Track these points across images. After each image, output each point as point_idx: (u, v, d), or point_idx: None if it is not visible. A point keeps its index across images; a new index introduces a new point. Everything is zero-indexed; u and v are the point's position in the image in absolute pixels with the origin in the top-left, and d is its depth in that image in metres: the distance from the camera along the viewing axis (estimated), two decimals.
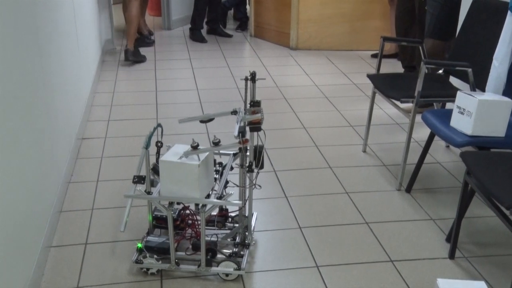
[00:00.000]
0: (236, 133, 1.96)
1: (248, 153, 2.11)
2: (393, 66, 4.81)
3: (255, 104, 2.06)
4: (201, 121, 2.16)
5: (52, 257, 2.24)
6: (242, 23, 6.33)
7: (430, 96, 2.76)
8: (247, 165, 2.11)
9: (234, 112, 2.12)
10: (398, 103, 2.82)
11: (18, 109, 1.94)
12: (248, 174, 2.12)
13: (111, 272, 2.15)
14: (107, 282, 2.09)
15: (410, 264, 2.24)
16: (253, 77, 2.08)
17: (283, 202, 2.70)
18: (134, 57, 4.86)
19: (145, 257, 2.12)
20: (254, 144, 2.12)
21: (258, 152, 2.11)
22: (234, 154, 2.26)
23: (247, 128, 2.04)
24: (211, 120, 2.14)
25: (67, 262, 2.21)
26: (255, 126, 2.03)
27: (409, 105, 2.74)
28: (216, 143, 2.03)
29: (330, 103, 4.06)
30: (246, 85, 2.11)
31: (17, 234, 1.84)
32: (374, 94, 3.14)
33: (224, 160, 2.28)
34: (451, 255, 2.28)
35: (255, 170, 2.11)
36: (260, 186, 2.31)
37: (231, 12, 6.72)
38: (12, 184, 1.81)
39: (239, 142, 1.99)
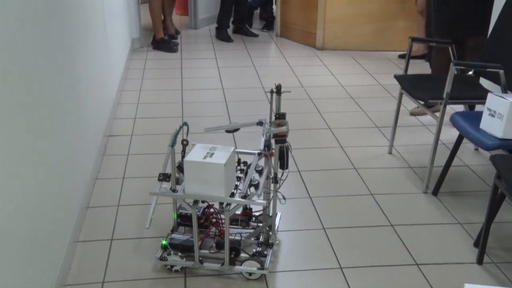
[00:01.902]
0: (261, 146, 1.99)
1: (273, 164, 2.13)
2: (421, 67, 4.74)
3: (281, 116, 2.10)
4: (227, 131, 2.18)
5: (79, 251, 2.27)
6: (268, 23, 6.32)
7: (459, 97, 2.72)
8: (272, 176, 2.14)
9: (260, 124, 2.16)
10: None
11: (48, 106, 1.97)
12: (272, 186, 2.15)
13: (136, 268, 2.17)
14: (131, 278, 2.11)
15: (436, 268, 2.21)
16: (278, 90, 2.11)
17: (307, 202, 2.68)
18: (163, 46, 5.26)
19: (169, 254, 2.13)
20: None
21: (285, 152, 2.11)
22: (259, 154, 2.26)
23: (272, 141, 2.06)
24: (236, 130, 2.17)
25: (93, 257, 2.24)
26: (281, 139, 2.07)
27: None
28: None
29: (356, 104, 4.02)
30: (271, 98, 2.14)
31: (45, 228, 1.87)
32: (401, 95, 3.10)
33: (249, 159, 2.28)
34: (479, 260, 2.24)
35: (280, 179, 2.11)
36: (284, 198, 2.32)
37: (257, 12, 6.72)
38: (41, 180, 1.84)
39: (265, 156, 2.01)
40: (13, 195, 1.55)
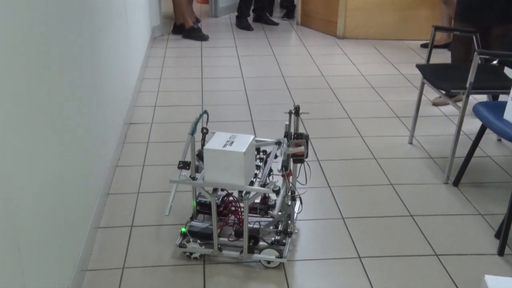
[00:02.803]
0: (279, 167, 2.01)
1: (291, 183, 2.17)
2: (444, 57, 4.66)
3: (299, 136, 2.13)
4: None
5: (100, 238, 2.30)
6: (289, 11, 6.28)
7: (482, 87, 2.67)
8: (289, 193, 2.17)
9: (278, 143, 2.21)
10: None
11: (69, 94, 1.99)
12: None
13: (155, 254, 2.20)
14: (151, 264, 2.14)
15: (456, 259, 2.19)
16: (297, 111, 2.14)
17: (326, 192, 2.68)
18: (193, 35, 5.30)
19: (188, 241, 2.15)
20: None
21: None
22: (278, 143, 2.26)
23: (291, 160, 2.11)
24: (257, 149, 2.20)
25: (113, 243, 2.27)
26: (299, 159, 2.11)
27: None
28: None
29: (377, 93, 3.98)
30: (290, 118, 2.16)
31: (67, 214, 1.90)
32: (422, 84, 3.06)
33: (268, 148, 2.29)
34: (501, 252, 2.21)
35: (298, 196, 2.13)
36: (301, 203, 2.34)
37: (277, 0, 6.68)
38: (63, 166, 1.87)
39: (282, 176, 2.03)
40: (36, 182, 1.57)
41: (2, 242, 1.31)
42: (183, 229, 2.19)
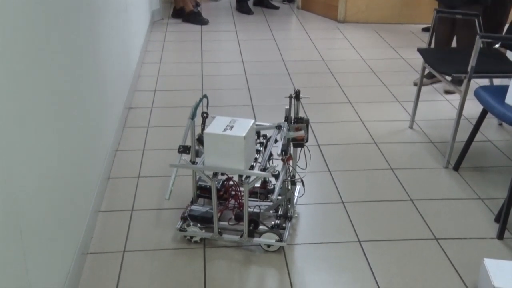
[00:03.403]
0: (279, 151, 2.00)
1: (291, 168, 2.16)
2: None
3: (299, 120, 2.12)
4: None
5: (101, 221, 2.31)
6: None
7: (484, 71, 2.66)
8: (289, 178, 2.16)
9: (278, 127, 2.19)
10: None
11: (69, 77, 1.98)
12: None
13: (156, 238, 2.21)
14: (152, 248, 2.15)
15: (455, 242, 2.20)
16: (297, 95, 2.13)
17: (326, 176, 2.68)
18: (193, 19, 5.26)
19: (188, 225, 2.16)
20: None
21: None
22: (278, 127, 2.25)
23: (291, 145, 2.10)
24: (257, 133, 2.18)
25: (114, 227, 2.28)
26: (299, 143, 2.09)
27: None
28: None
29: (377, 78, 3.97)
30: (290, 103, 2.15)
31: (68, 198, 1.90)
32: (424, 69, 3.04)
33: (268, 132, 2.28)
34: (500, 236, 2.22)
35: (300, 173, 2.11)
36: (303, 186, 2.34)
37: None
38: (64, 151, 1.86)
39: (282, 160, 2.02)
40: (37, 166, 1.57)
41: (4, 226, 1.31)
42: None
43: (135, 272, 2.02)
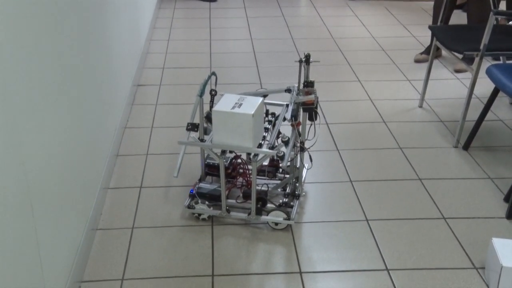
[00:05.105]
0: (288, 116, 1.97)
1: (300, 133, 2.13)
2: (458, 18, 4.56)
3: (309, 84, 2.08)
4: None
5: (109, 198, 2.33)
6: None
7: (497, 49, 2.61)
8: (299, 144, 2.14)
9: (288, 90, 2.15)
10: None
11: (78, 54, 1.97)
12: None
13: (164, 215, 2.22)
14: (160, 225, 2.17)
15: (464, 222, 2.19)
16: (307, 59, 2.09)
17: (334, 155, 2.67)
18: None
19: (197, 203, 2.17)
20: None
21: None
22: (287, 105, 2.24)
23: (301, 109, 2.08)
24: (265, 96, 2.16)
25: (123, 204, 2.29)
26: (309, 107, 2.06)
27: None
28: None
29: (387, 56, 3.92)
30: (300, 67, 2.11)
31: (78, 175, 1.91)
32: (435, 47, 3.00)
33: (277, 110, 2.27)
34: (509, 215, 2.21)
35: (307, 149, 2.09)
36: (311, 160, 2.32)
37: None
38: (73, 128, 1.87)
39: (292, 125, 2.00)
40: (47, 143, 1.58)
41: (16, 202, 1.32)
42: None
43: (144, 248, 2.04)
